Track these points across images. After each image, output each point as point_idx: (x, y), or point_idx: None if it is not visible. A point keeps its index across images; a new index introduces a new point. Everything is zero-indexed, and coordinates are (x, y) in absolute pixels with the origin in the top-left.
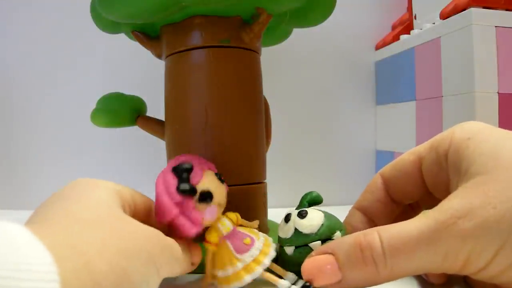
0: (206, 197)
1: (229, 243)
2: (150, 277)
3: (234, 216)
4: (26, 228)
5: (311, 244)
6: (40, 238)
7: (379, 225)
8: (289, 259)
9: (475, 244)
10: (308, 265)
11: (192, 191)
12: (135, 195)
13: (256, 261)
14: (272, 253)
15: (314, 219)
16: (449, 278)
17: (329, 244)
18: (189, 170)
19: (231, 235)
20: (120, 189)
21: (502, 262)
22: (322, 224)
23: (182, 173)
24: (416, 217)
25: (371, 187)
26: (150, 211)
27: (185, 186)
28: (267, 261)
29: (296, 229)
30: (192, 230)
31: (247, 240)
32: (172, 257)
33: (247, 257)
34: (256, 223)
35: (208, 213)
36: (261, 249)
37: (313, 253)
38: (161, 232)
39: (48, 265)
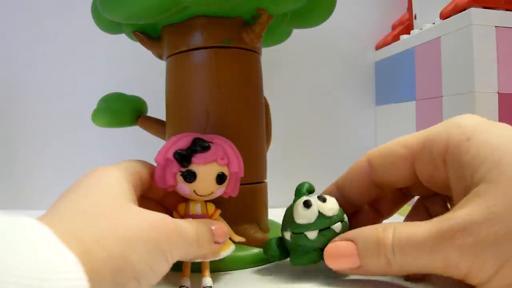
0: (187, 176)
1: None
2: (156, 263)
3: (212, 208)
4: (42, 223)
5: (333, 226)
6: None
7: (355, 205)
8: (311, 244)
9: (474, 259)
10: (331, 249)
11: (182, 161)
12: (144, 175)
13: None
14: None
15: (334, 202)
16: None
17: (350, 232)
18: (205, 148)
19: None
20: (129, 173)
21: (506, 277)
22: (340, 206)
23: (195, 146)
24: (427, 221)
25: (355, 169)
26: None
27: (183, 153)
28: None
29: (320, 212)
30: (158, 184)
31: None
32: (182, 241)
33: None
34: (238, 238)
35: (180, 187)
36: None
37: (336, 238)
38: (168, 216)
39: (75, 265)
